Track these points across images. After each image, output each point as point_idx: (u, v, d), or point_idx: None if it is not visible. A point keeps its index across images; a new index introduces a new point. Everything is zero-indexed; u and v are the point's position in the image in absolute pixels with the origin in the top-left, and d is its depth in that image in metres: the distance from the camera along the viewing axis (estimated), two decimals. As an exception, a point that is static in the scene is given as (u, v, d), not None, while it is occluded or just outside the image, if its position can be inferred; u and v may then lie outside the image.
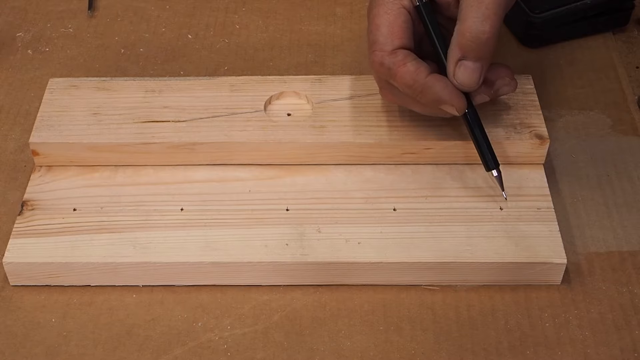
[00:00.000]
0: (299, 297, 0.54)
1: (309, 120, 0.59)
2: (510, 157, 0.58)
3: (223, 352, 0.51)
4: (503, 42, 0.72)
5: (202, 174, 0.58)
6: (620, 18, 0.72)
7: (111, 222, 0.55)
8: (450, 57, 0.53)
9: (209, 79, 0.62)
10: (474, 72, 0.52)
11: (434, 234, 0.54)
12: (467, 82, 0.53)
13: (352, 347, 0.51)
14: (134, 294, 0.54)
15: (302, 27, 0.73)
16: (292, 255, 0.53)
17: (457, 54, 0.52)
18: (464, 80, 0.53)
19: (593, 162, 0.62)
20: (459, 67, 0.52)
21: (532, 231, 0.54)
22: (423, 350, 0.51)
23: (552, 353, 0.51)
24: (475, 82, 0.53)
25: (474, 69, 0.52)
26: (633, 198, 0.59)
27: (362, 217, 0.55)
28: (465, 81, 0.53)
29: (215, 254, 0.53)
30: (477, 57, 0.52)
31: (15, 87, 0.68)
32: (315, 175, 0.58)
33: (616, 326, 0.52)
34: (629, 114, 0.65)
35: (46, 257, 0.53)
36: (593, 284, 0.54)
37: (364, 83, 0.61)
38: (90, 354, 0.51)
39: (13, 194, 0.60)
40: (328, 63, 0.70)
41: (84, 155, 0.58)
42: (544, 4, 0.70)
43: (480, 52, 0.52)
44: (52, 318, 0.53)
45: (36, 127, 0.58)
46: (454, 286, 0.54)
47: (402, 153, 0.58)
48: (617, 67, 0.69)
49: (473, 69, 0.52)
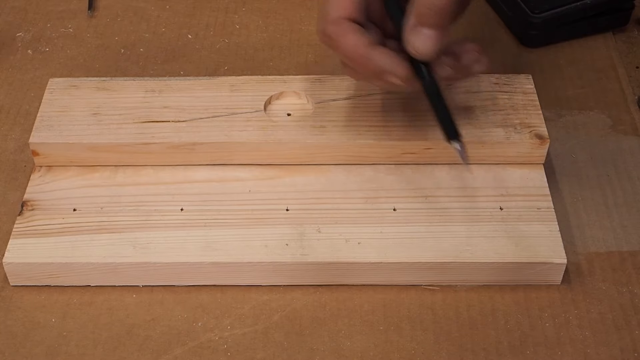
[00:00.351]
0: (299, 297, 0.54)
1: (309, 120, 0.59)
2: (510, 157, 0.58)
3: (223, 352, 0.51)
4: (503, 42, 0.72)
5: (202, 174, 0.58)
6: (620, 18, 0.72)
7: (111, 222, 0.55)
8: (406, 25, 0.51)
9: (209, 79, 0.62)
10: (428, 39, 0.51)
11: (434, 234, 0.54)
12: (421, 48, 0.51)
13: (352, 347, 0.51)
14: (134, 294, 0.54)
15: (302, 27, 0.73)
16: (292, 255, 0.53)
17: (412, 21, 0.51)
18: (418, 46, 0.51)
19: (593, 162, 0.62)
20: (414, 33, 0.51)
21: (532, 231, 0.54)
22: (423, 350, 0.51)
23: (552, 353, 0.51)
24: (430, 49, 0.51)
25: (429, 36, 0.51)
26: (633, 198, 0.59)
27: (362, 217, 0.55)
28: (419, 48, 0.51)
29: (215, 254, 0.53)
30: (432, 24, 0.51)
31: (15, 87, 0.68)
32: (315, 175, 0.58)
33: (616, 326, 0.52)
34: (629, 114, 0.65)
35: (46, 257, 0.53)
36: (593, 284, 0.54)
37: (364, 83, 0.61)
38: (90, 354, 0.51)
39: (13, 194, 0.60)
40: (328, 63, 0.70)
41: (84, 155, 0.58)
42: (544, 4, 0.70)
43: (436, 18, 0.50)
44: (52, 318, 0.53)
45: (36, 127, 0.58)
46: (454, 286, 0.54)
47: (402, 153, 0.58)
48: (617, 67, 0.69)
49: (428, 36, 0.51)
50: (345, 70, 0.55)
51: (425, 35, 0.51)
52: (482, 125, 0.58)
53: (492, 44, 0.72)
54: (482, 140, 0.57)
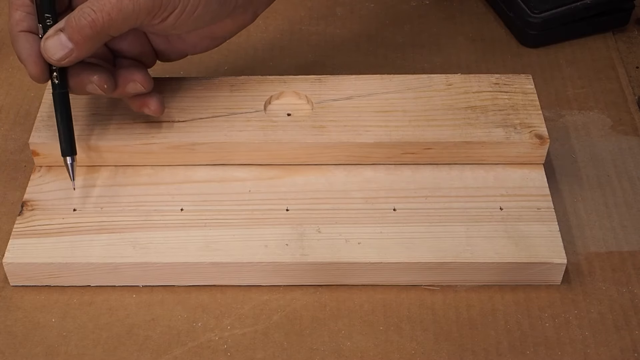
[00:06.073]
0: (298, 297, 0.54)
1: (309, 120, 0.59)
2: (510, 157, 0.58)
3: (223, 352, 0.51)
4: (503, 42, 0.72)
5: (202, 174, 0.58)
6: (620, 18, 0.72)
7: (111, 222, 0.55)
8: (58, 23, 0.52)
9: (209, 79, 0.62)
10: (60, 48, 0.51)
11: (433, 234, 0.54)
12: (49, 51, 0.51)
13: (352, 347, 0.51)
14: (134, 294, 0.54)
15: (302, 27, 0.73)
16: (292, 256, 0.53)
17: (62, 23, 0.51)
18: (47, 48, 0.51)
19: (593, 162, 0.62)
20: (53, 35, 0.51)
21: (532, 231, 0.54)
22: (423, 350, 0.51)
23: (552, 353, 0.51)
24: (56, 57, 0.51)
25: (62, 45, 0.51)
26: (633, 198, 0.59)
27: (362, 217, 0.55)
28: (48, 50, 0.51)
29: (215, 254, 0.53)
30: (72, 38, 0.51)
31: (15, 87, 0.68)
32: (315, 175, 0.58)
33: (616, 326, 0.52)
34: (629, 114, 0.65)
35: (46, 257, 0.53)
36: (593, 284, 0.54)
37: (364, 83, 0.61)
38: (90, 354, 0.51)
39: (13, 194, 0.60)
40: (328, 63, 0.70)
41: (84, 155, 0.58)
42: (544, 4, 0.70)
43: (77, 35, 0.51)
44: (52, 318, 0.53)
45: (36, 127, 0.58)
46: (454, 286, 0.54)
47: (402, 153, 0.58)
48: (617, 67, 0.69)
49: (61, 45, 0.51)
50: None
51: (59, 42, 0.51)
52: (482, 125, 0.58)
53: (492, 44, 0.72)
54: (482, 140, 0.57)
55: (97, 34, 0.51)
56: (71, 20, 0.51)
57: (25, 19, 0.53)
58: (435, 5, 0.76)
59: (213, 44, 0.58)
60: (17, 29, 0.53)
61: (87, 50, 0.52)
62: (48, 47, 0.51)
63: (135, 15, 0.51)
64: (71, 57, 0.51)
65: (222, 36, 0.58)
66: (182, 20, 0.53)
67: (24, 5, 0.53)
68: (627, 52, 0.71)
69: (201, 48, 0.58)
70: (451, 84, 0.61)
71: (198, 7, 0.52)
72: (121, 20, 0.51)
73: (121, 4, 0.50)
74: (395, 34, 0.73)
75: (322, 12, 0.75)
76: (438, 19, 0.74)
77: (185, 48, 0.58)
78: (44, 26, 0.52)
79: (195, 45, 0.58)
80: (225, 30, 0.57)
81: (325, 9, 0.75)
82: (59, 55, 0.51)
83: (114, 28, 0.51)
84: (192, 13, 0.52)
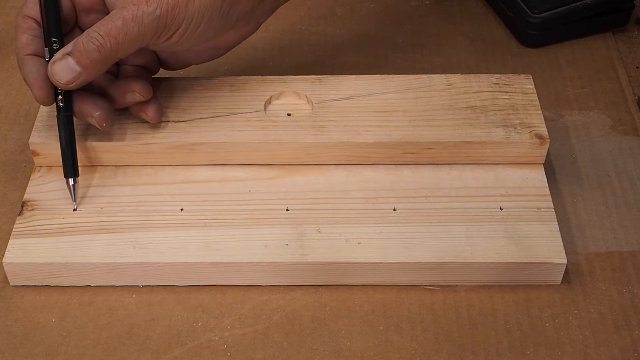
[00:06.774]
0: (298, 297, 0.54)
1: (309, 120, 0.59)
2: (510, 157, 0.58)
3: (223, 352, 0.51)
4: (503, 42, 0.72)
5: (202, 174, 0.58)
6: (620, 18, 0.72)
7: (111, 222, 0.55)
8: (65, 47, 0.52)
9: (209, 79, 0.62)
10: (68, 72, 0.52)
11: (433, 234, 0.54)
12: (57, 75, 0.52)
13: (352, 347, 0.51)
14: (134, 294, 0.54)
15: (302, 27, 0.73)
16: (292, 256, 0.53)
17: (70, 47, 0.52)
18: (55, 72, 0.52)
19: (593, 162, 0.62)
20: (61, 58, 0.52)
21: (532, 231, 0.54)
22: (423, 350, 0.51)
23: (552, 353, 0.51)
24: (64, 81, 0.52)
25: (70, 69, 0.52)
26: (633, 198, 0.59)
27: (362, 217, 0.55)
28: (56, 73, 0.52)
29: (215, 254, 0.53)
30: (79, 62, 0.52)
31: (15, 87, 0.68)
32: (315, 175, 0.58)
33: (616, 326, 0.52)
34: (629, 114, 0.65)
35: (46, 257, 0.53)
36: (593, 284, 0.54)
37: (364, 83, 0.61)
38: (90, 354, 0.51)
39: (13, 194, 0.60)
40: (328, 63, 0.70)
41: (84, 155, 0.58)
42: (543, 4, 0.70)
43: (84, 59, 0.51)
44: (52, 318, 0.53)
45: (36, 127, 0.58)
46: (454, 286, 0.54)
47: (402, 153, 0.58)
48: (617, 67, 0.69)
49: (69, 68, 0.52)
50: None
51: (67, 66, 0.52)
52: (482, 125, 0.58)
53: (492, 44, 0.72)
54: (482, 140, 0.57)
55: (105, 58, 0.52)
56: (79, 44, 0.51)
57: (32, 42, 0.54)
58: (435, 5, 0.76)
59: (217, 54, 0.59)
60: (24, 53, 0.54)
61: (95, 73, 0.53)
62: (56, 70, 0.52)
63: (141, 37, 0.52)
64: (79, 80, 0.52)
65: (225, 47, 0.58)
66: (186, 37, 0.53)
67: (31, 28, 0.54)
68: (627, 52, 0.71)
69: (205, 58, 0.59)
70: (451, 84, 0.61)
71: (201, 24, 0.53)
72: (127, 43, 0.51)
73: (127, 28, 0.51)
74: (395, 34, 0.73)
75: (322, 12, 0.75)
76: (438, 19, 0.74)
77: (189, 58, 0.59)
78: (50, 50, 0.53)
79: (199, 56, 0.59)
80: (229, 41, 0.58)
81: (325, 9, 0.75)
82: (67, 78, 0.52)
83: (122, 51, 0.52)
84: (196, 30, 0.53)
